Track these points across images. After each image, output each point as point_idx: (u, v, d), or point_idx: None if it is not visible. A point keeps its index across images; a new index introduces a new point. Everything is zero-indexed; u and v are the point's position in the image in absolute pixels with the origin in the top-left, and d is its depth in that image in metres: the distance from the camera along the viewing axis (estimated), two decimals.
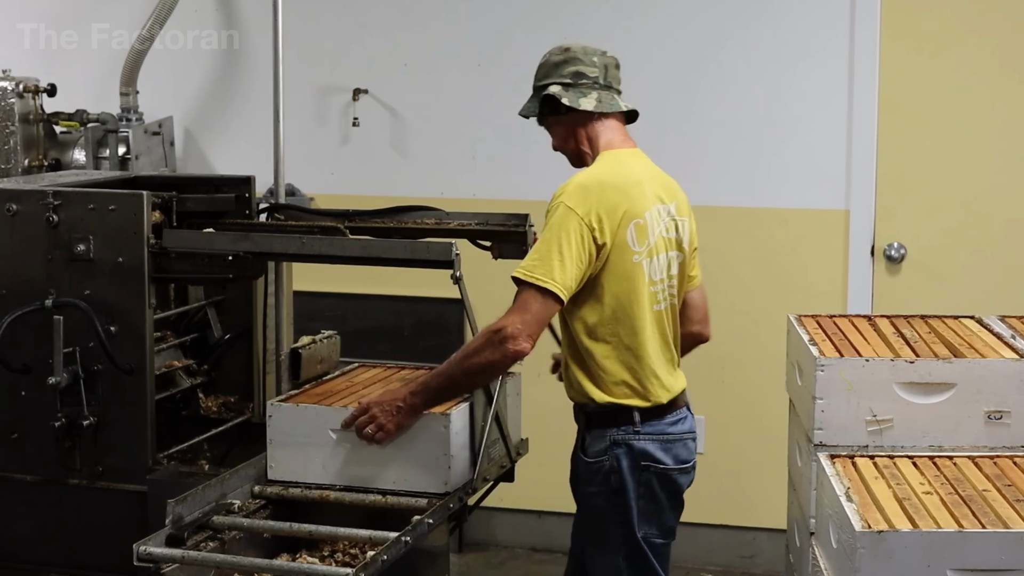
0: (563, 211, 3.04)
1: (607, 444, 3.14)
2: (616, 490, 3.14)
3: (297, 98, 5.04)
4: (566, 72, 3.18)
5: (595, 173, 3.13)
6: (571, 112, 3.18)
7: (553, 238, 3.01)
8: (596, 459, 3.16)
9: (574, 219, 3.02)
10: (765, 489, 4.80)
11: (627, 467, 3.14)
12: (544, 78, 3.21)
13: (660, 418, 3.17)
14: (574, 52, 3.20)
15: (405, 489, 3.14)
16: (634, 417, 3.14)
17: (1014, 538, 2.50)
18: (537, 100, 3.21)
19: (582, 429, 3.23)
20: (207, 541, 2.98)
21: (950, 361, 3.19)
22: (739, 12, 4.93)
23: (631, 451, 3.14)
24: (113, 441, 3.47)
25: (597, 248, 3.04)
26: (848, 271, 4.89)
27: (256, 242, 3.26)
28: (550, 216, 3.06)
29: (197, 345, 3.87)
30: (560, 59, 3.20)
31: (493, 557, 5.23)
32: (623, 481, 3.13)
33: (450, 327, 5.10)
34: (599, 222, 3.03)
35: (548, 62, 3.22)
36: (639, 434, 3.14)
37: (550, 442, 3.56)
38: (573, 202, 3.04)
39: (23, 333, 3.45)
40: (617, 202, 3.08)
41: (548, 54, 3.24)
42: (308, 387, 3.44)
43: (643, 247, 3.12)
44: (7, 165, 4.99)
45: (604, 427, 3.15)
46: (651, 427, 3.15)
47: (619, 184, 3.11)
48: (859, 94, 4.83)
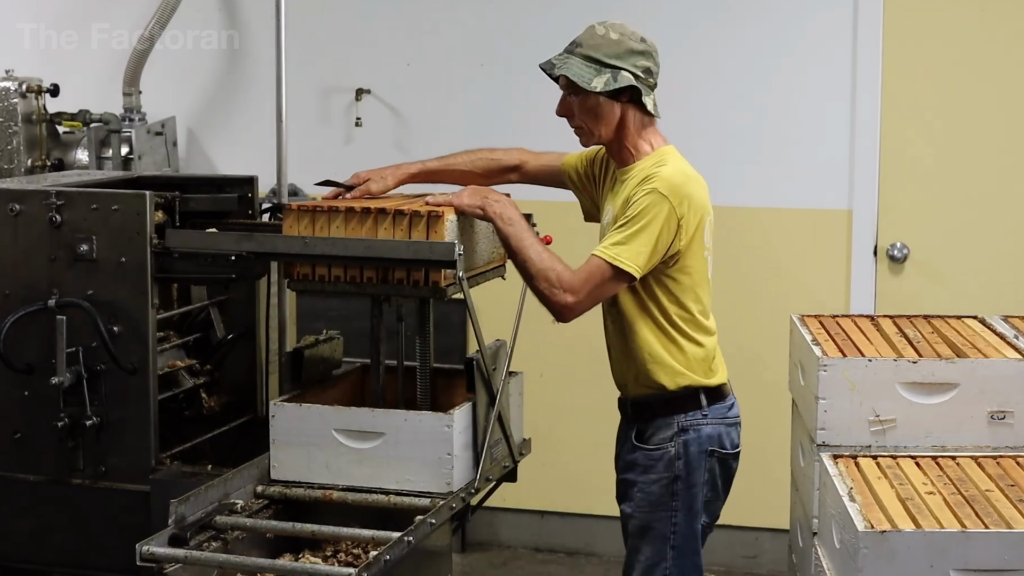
0: (657, 198, 3.03)
1: (673, 431, 3.15)
2: (678, 477, 3.14)
3: (300, 98, 5.04)
4: (640, 64, 3.13)
5: (680, 168, 3.12)
6: (630, 104, 3.15)
7: (642, 222, 3.01)
8: (658, 447, 3.16)
9: (666, 207, 3.02)
10: (768, 489, 4.80)
11: (694, 453, 3.15)
12: (616, 58, 3.11)
13: (722, 400, 3.19)
14: (649, 47, 3.16)
15: (408, 489, 3.14)
16: (701, 401, 3.15)
17: (1017, 538, 2.50)
18: (598, 73, 3.10)
19: (641, 420, 3.21)
20: (210, 541, 2.99)
21: (953, 361, 3.19)
22: (742, 12, 4.93)
23: (699, 436, 3.15)
24: (116, 441, 3.47)
25: (679, 240, 3.05)
26: (851, 271, 4.89)
27: (259, 242, 3.26)
28: (639, 200, 3.05)
29: (200, 345, 3.87)
30: (640, 48, 3.13)
31: (496, 557, 5.23)
32: (689, 468, 3.14)
33: (453, 327, 5.10)
34: (687, 214, 3.05)
35: (624, 43, 3.12)
36: (707, 418, 3.16)
37: (552, 442, 3.56)
38: (667, 191, 3.04)
39: (26, 333, 3.45)
40: (702, 198, 3.11)
41: (622, 33, 3.13)
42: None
43: (710, 243, 3.17)
44: (10, 165, 4.99)
45: (670, 414, 3.16)
46: (715, 411, 3.17)
47: (700, 181, 3.14)
48: (862, 94, 4.83)
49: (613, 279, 3.03)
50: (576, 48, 3.15)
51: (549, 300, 3.05)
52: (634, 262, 3.01)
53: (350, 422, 3.19)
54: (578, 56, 3.14)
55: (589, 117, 3.16)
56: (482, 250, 3.33)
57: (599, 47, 3.12)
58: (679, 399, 3.15)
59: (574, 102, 3.17)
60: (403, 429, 3.15)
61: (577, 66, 3.12)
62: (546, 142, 4.00)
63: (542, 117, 5.14)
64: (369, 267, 3.17)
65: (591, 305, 3.08)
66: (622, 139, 3.18)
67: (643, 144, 3.18)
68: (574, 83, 3.12)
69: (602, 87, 3.10)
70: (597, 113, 3.15)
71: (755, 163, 4.97)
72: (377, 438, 3.17)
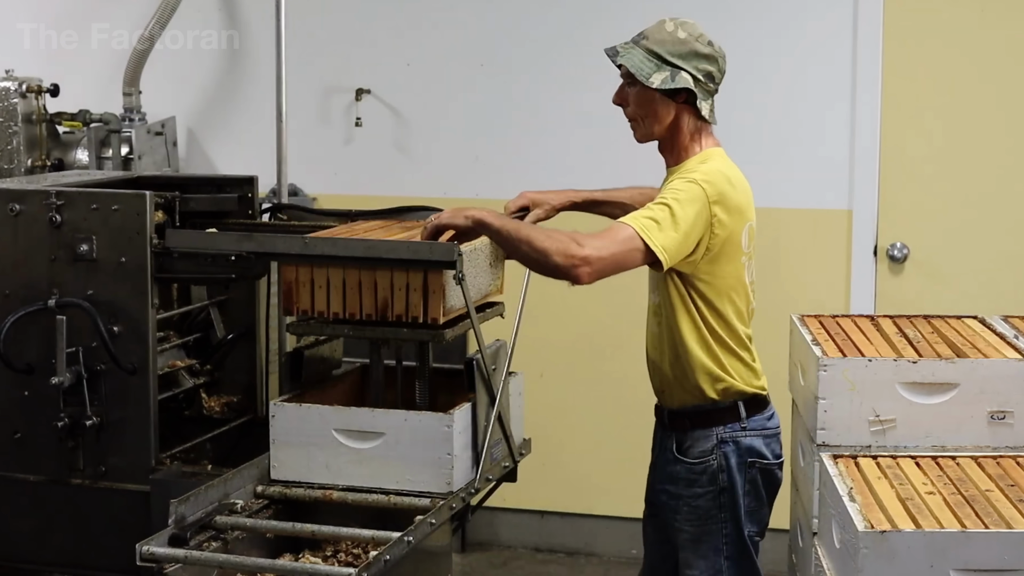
0: (696, 188, 3.02)
1: (713, 443, 3.14)
2: (724, 489, 3.13)
3: (300, 98, 5.04)
4: (702, 68, 3.11)
5: (722, 169, 3.11)
6: (686, 105, 3.13)
7: (676, 206, 2.98)
8: (700, 460, 3.15)
9: (702, 198, 3.01)
10: None
11: (735, 464, 3.14)
12: (679, 57, 3.09)
13: (761, 412, 3.18)
14: (716, 52, 3.14)
15: (408, 489, 3.14)
16: (740, 413, 3.14)
17: (1017, 538, 2.50)
18: (658, 69, 3.08)
19: (679, 430, 3.19)
20: (210, 541, 2.98)
21: (953, 361, 3.19)
22: (742, 13, 4.93)
23: (738, 448, 3.14)
24: (116, 441, 3.47)
25: (711, 236, 3.03)
26: (851, 271, 4.89)
27: (259, 242, 3.25)
28: (676, 185, 3.03)
29: (200, 345, 3.87)
30: (705, 51, 3.12)
31: (496, 557, 5.23)
32: (732, 479, 3.13)
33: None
34: (721, 213, 3.04)
35: (689, 44, 3.11)
36: (745, 430, 3.15)
37: (552, 442, 3.56)
38: (705, 183, 3.03)
39: (26, 333, 3.45)
40: (740, 202, 3.10)
41: (690, 33, 3.11)
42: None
43: (750, 249, 3.16)
44: (10, 165, 4.99)
45: (709, 426, 3.15)
46: (755, 422, 3.16)
47: (741, 185, 3.14)
48: (862, 94, 4.83)
49: (639, 252, 2.94)
50: (642, 40, 3.14)
51: (567, 255, 2.90)
52: (663, 244, 2.94)
53: (350, 422, 3.19)
54: (642, 48, 3.12)
55: (643, 111, 3.15)
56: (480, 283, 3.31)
57: (664, 43, 3.11)
58: (718, 411, 3.14)
59: (631, 93, 3.15)
60: (403, 429, 3.15)
61: (639, 58, 3.11)
62: (546, 142, 4.05)
63: (542, 117, 5.18)
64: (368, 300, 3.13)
65: (611, 268, 2.93)
66: (674, 138, 3.16)
67: (694, 146, 3.16)
68: (633, 74, 3.10)
69: (659, 84, 3.08)
70: (652, 109, 3.13)
71: (755, 163, 4.93)
72: (377, 438, 3.17)
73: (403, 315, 3.13)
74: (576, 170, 4.90)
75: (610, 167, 4.62)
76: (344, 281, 3.16)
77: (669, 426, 3.22)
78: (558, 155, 5.07)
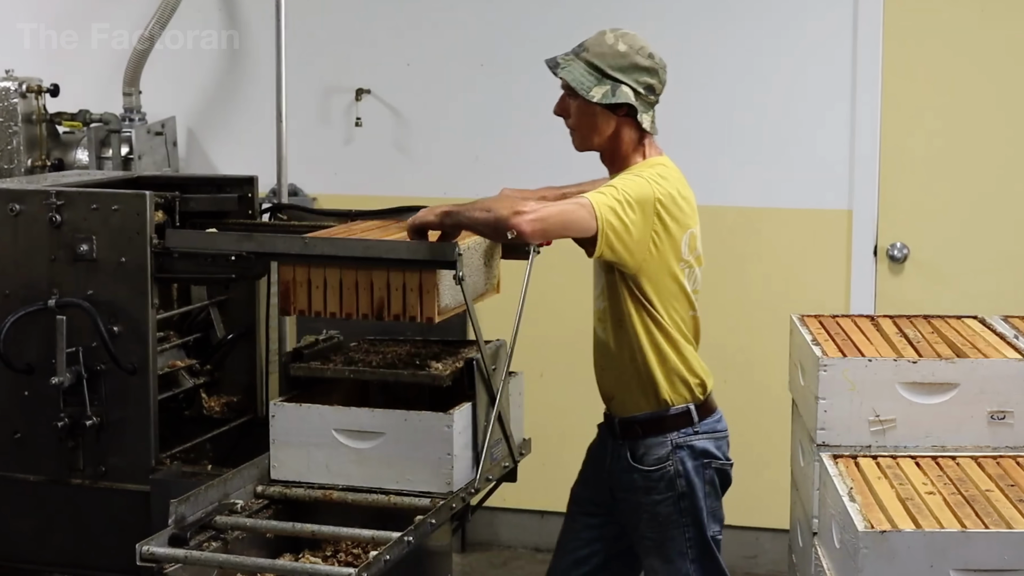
0: (644, 182, 3.04)
1: (668, 449, 3.16)
2: (684, 494, 3.16)
3: (300, 98, 5.04)
4: (643, 81, 3.12)
5: (667, 175, 3.12)
6: (627, 118, 3.14)
7: (628, 194, 3.00)
8: (657, 467, 3.16)
9: (650, 195, 3.03)
10: (768, 489, 4.80)
11: (692, 468, 3.16)
12: (619, 71, 3.10)
13: (711, 415, 3.21)
14: (656, 64, 3.14)
15: (408, 489, 3.14)
16: (692, 417, 3.17)
17: (1017, 538, 2.50)
18: (599, 83, 3.09)
19: (631, 438, 3.20)
20: (210, 541, 2.98)
21: (953, 361, 3.19)
22: (742, 12, 4.93)
23: (693, 451, 3.16)
24: (116, 441, 3.47)
25: (654, 235, 3.05)
26: (851, 271, 4.89)
27: (259, 242, 3.26)
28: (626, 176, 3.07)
29: (200, 345, 3.87)
30: (646, 64, 3.12)
31: (496, 557, 5.23)
32: (690, 483, 3.15)
33: (453, 327, 5.08)
34: (666, 215, 3.06)
35: (630, 57, 3.11)
36: (698, 433, 3.17)
37: (552, 442, 3.56)
38: (652, 180, 3.05)
39: (26, 333, 3.45)
40: (682, 208, 3.12)
41: (631, 46, 3.12)
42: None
43: (690, 257, 3.16)
44: (10, 165, 4.99)
45: (662, 432, 3.16)
46: (706, 425, 3.19)
47: (686, 193, 3.16)
48: (862, 94, 4.83)
49: (585, 211, 2.96)
50: (583, 52, 3.15)
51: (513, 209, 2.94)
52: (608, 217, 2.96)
53: (350, 422, 3.19)
54: (583, 61, 3.13)
55: (584, 123, 3.16)
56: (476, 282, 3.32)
57: (604, 56, 3.12)
58: (671, 416, 3.16)
59: (572, 105, 3.17)
60: (403, 429, 3.15)
61: (580, 71, 3.12)
62: (546, 142, 4.04)
63: (542, 117, 5.14)
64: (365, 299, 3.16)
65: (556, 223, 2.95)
66: (615, 150, 3.18)
67: (636, 156, 3.18)
68: (574, 88, 3.11)
69: (600, 98, 3.10)
70: (592, 122, 3.15)
71: (755, 163, 4.97)
72: (377, 438, 3.17)
73: (400, 314, 3.14)
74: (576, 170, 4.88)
75: None
76: (341, 281, 3.16)
77: (620, 435, 3.23)
78: (558, 155, 5.03)
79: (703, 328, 3.31)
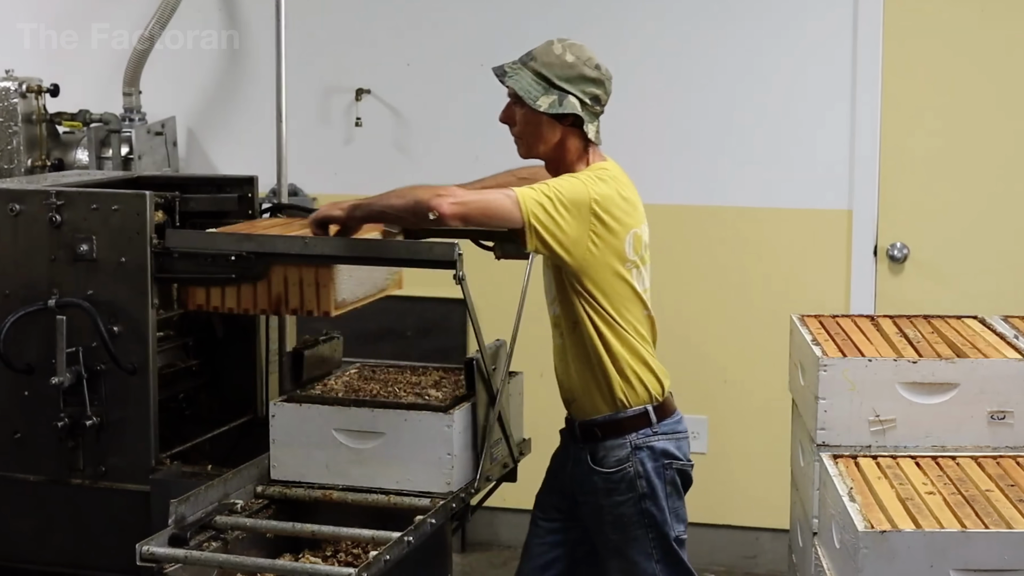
0: (578, 182, 3.06)
1: (628, 450, 3.15)
2: (644, 495, 3.15)
3: (300, 98, 5.04)
4: (589, 91, 3.13)
5: (606, 178, 3.12)
6: (572, 128, 3.15)
7: (560, 192, 3.02)
8: (617, 468, 3.16)
9: (584, 194, 3.04)
10: (768, 489, 4.80)
11: (652, 469, 3.15)
12: (567, 81, 3.12)
13: (670, 415, 3.21)
14: (603, 75, 3.15)
15: (408, 489, 3.14)
16: (651, 418, 3.16)
17: (1017, 538, 2.50)
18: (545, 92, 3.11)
19: (591, 441, 3.21)
20: (210, 541, 2.98)
21: (953, 361, 3.19)
22: (742, 12, 4.93)
23: (653, 452, 3.16)
24: (116, 441, 3.47)
25: (592, 235, 3.05)
26: (851, 271, 4.89)
27: (259, 242, 3.26)
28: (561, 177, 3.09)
29: (200, 345, 3.87)
30: (593, 75, 3.13)
31: (496, 557, 5.23)
32: (651, 484, 3.15)
33: (453, 327, 5.10)
34: (605, 214, 3.06)
35: (577, 68, 3.12)
36: (657, 434, 3.16)
37: (553, 442, 3.55)
38: (587, 181, 3.07)
39: (26, 333, 3.45)
40: (623, 207, 3.11)
41: (578, 56, 3.13)
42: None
43: (636, 257, 3.15)
44: (10, 165, 4.99)
45: (621, 434, 3.16)
46: (665, 426, 3.18)
47: (628, 192, 3.15)
48: (862, 94, 4.83)
49: (509, 201, 3.00)
50: (531, 61, 3.17)
51: (433, 191, 3.00)
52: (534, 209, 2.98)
53: (350, 422, 3.19)
54: (530, 70, 3.15)
55: (529, 131, 3.18)
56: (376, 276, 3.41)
57: (552, 66, 3.14)
58: (629, 418, 3.16)
59: (518, 113, 3.19)
60: (403, 429, 3.15)
61: (527, 80, 3.14)
62: None
63: None
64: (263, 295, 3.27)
65: (477, 207, 2.99)
66: (560, 158, 3.20)
67: (580, 164, 3.19)
68: (521, 97, 3.14)
69: (547, 108, 3.12)
70: (538, 131, 3.17)
71: (755, 163, 4.97)
72: (377, 438, 3.17)
73: (298, 308, 3.23)
74: None
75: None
76: None
77: (581, 438, 3.23)
78: None
79: (707, 328, 3.34)
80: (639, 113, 4.88)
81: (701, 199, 4.99)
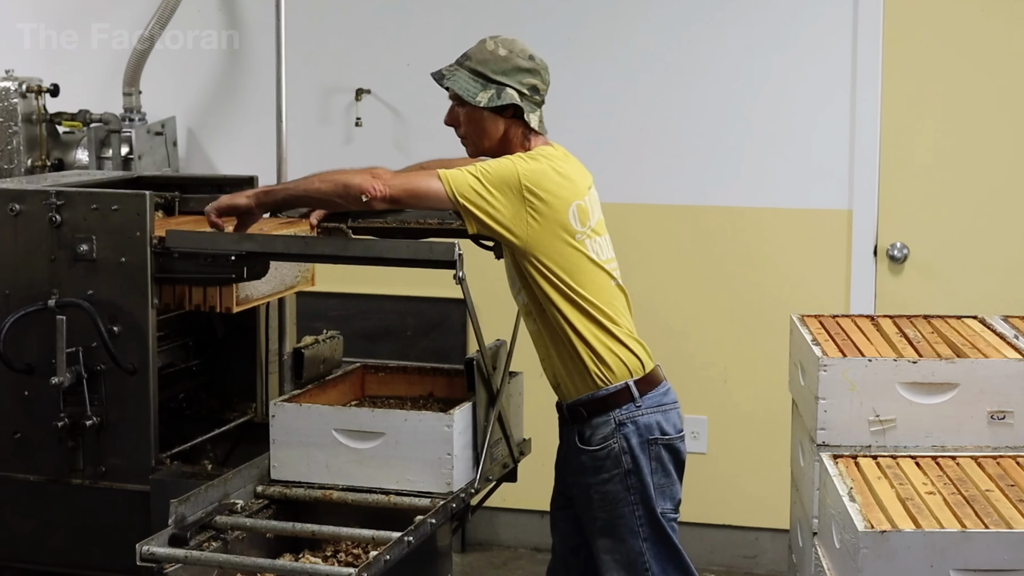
0: (507, 161, 3.11)
1: (612, 427, 3.15)
2: (630, 471, 3.15)
3: (300, 98, 5.04)
4: (527, 82, 3.20)
5: (543, 154, 3.18)
6: (514, 119, 3.20)
7: (486, 169, 3.08)
8: (602, 445, 3.16)
9: (512, 170, 3.09)
10: (768, 489, 4.80)
11: (637, 444, 3.15)
12: (502, 74, 3.18)
13: (655, 388, 3.20)
14: (538, 65, 3.22)
15: (408, 489, 3.14)
16: (633, 393, 3.16)
17: (1017, 538, 2.50)
18: (483, 88, 3.18)
19: (579, 421, 3.21)
20: (210, 541, 2.99)
21: (953, 361, 3.19)
22: (741, 11, 4.93)
23: (637, 427, 3.16)
24: (116, 441, 3.47)
25: (529, 209, 3.08)
26: (851, 271, 4.89)
27: (259, 242, 3.26)
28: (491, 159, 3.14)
29: (200, 345, 3.87)
30: (527, 66, 3.20)
31: (496, 557, 5.23)
32: (636, 459, 3.15)
33: (453, 327, 5.10)
34: (537, 188, 3.09)
35: (511, 61, 3.20)
36: (641, 408, 3.16)
37: (553, 442, 3.55)
38: (519, 159, 3.12)
39: (26, 333, 3.45)
40: (558, 181, 3.13)
41: (511, 50, 3.21)
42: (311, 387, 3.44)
43: (586, 228, 3.16)
44: (10, 165, 4.99)
45: (605, 411, 3.16)
46: (650, 399, 3.18)
47: (566, 165, 3.19)
48: (862, 93, 4.83)
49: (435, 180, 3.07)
50: (466, 61, 3.24)
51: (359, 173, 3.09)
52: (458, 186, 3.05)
53: (350, 422, 3.20)
54: (467, 69, 3.22)
55: (473, 129, 3.24)
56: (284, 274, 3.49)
57: (486, 62, 3.20)
58: (611, 395, 3.16)
59: (460, 113, 3.25)
60: (403, 429, 3.15)
61: (464, 79, 3.21)
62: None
63: None
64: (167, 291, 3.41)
65: (403, 188, 3.07)
66: (505, 151, 3.23)
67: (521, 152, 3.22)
68: (460, 95, 3.20)
69: (486, 102, 3.18)
70: (481, 127, 3.22)
71: (755, 163, 4.97)
72: (377, 438, 3.17)
73: (200, 304, 3.33)
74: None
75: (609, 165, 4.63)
76: None
77: (569, 420, 3.24)
78: None
79: (707, 328, 3.33)
80: (639, 113, 4.88)
81: (701, 199, 4.99)
